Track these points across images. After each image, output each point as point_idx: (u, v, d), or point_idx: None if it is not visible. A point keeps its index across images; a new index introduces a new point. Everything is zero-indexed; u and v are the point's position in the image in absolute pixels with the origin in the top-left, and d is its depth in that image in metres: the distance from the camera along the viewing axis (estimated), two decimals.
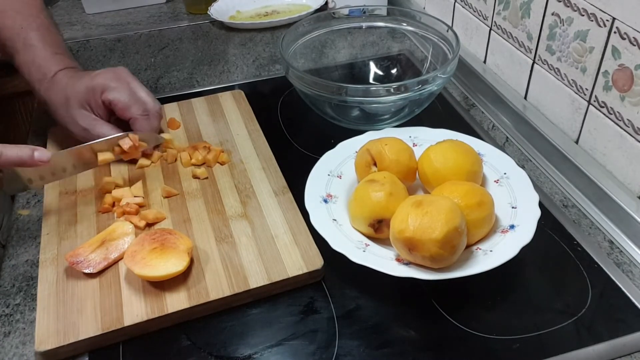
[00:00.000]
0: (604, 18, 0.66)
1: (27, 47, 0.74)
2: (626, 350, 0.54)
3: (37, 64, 0.74)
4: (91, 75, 0.73)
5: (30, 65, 0.74)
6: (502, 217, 0.63)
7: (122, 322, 0.55)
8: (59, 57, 0.75)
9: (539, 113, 0.81)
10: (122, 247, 0.62)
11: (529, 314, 0.57)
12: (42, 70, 0.74)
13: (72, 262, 0.60)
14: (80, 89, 0.72)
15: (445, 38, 0.84)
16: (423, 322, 0.57)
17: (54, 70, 0.74)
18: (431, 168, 0.65)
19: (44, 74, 0.74)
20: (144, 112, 0.73)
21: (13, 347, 0.56)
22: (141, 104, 0.73)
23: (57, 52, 0.76)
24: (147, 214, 0.66)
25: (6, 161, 0.61)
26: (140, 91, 0.74)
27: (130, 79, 0.75)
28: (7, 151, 0.61)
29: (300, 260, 0.61)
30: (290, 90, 0.91)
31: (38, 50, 0.74)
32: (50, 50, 0.75)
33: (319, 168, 0.70)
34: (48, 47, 0.75)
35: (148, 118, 0.73)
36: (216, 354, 0.55)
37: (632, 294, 0.59)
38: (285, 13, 1.18)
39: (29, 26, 0.75)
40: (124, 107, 0.72)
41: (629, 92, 0.65)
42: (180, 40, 1.11)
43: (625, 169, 0.68)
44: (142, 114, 0.73)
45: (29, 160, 0.62)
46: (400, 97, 0.74)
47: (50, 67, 0.74)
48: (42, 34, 0.76)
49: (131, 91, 0.73)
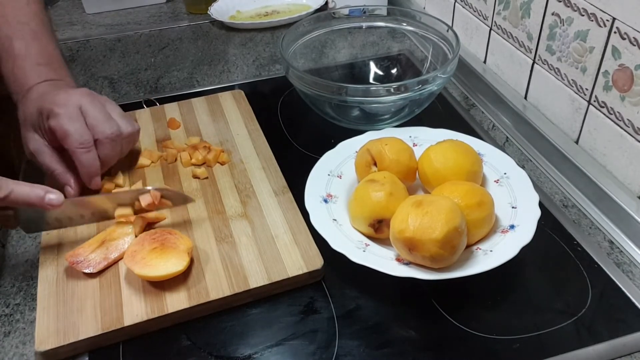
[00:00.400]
0: (604, 18, 0.66)
1: (9, 56, 0.70)
2: (626, 350, 0.54)
3: (15, 76, 0.70)
4: (53, 94, 0.66)
5: (10, 76, 0.70)
6: (502, 217, 0.63)
7: (122, 322, 0.55)
8: (41, 68, 0.70)
9: (539, 113, 0.81)
10: (122, 247, 0.62)
11: (529, 314, 0.57)
12: (20, 81, 0.70)
13: (72, 262, 0.60)
14: (34, 109, 0.66)
15: (445, 38, 0.84)
16: (423, 322, 0.57)
17: (31, 83, 0.69)
18: (431, 168, 0.65)
19: (20, 85, 0.69)
20: (82, 144, 0.64)
21: (13, 347, 0.56)
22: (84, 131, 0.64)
23: (41, 64, 0.71)
24: (147, 214, 0.66)
25: (15, 200, 0.57)
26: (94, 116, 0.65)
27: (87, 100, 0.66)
28: (17, 189, 0.57)
29: (300, 260, 0.61)
30: (290, 90, 0.91)
31: (19, 60, 0.70)
32: (32, 61, 0.70)
33: (319, 168, 0.70)
34: (31, 58, 0.71)
35: (88, 151, 0.64)
36: (216, 354, 0.55)
37: (632, 294, 0.59)
38: (285, 13, 1.18)
39: (15, 34, 0.71)
40: (62, 136, 0.64)
41: (629, 92, 0.65)
42: (180, 40, 1.11)
43: (625, 169, 0.68)
44: (79, 146, 0.64)
45: (38, 202, 0.58)
46: (401, 97, 0.74)
47: (27, 80, 0.69)
48: (27, 43, 0.71)
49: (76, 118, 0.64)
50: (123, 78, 0.99)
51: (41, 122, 0.65)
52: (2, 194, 0.56)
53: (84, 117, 0.65)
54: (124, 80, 0.99)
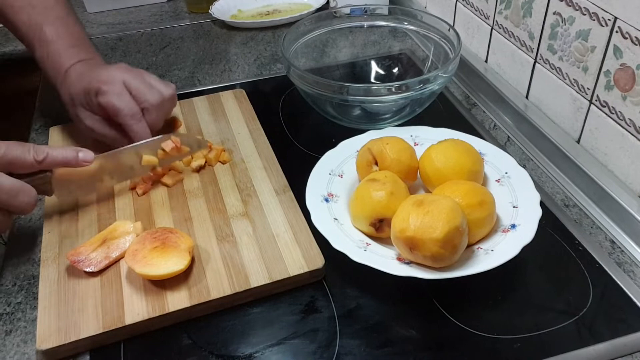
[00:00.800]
0: (606, 17, 0.66)
1: (41, 42, 0.74)
2: (627, 350, 0.54)
3: (51, 59, 0.73)
4: (95, 73, 0.71)
5: (45, 60, 0.74)
6: (503, 217, 0.63)
7: (123, 320, 0.56)
8: (73, 50, 0.74)
9: (541, 112, 0.81)
10: (124, 246, 0.62)
11: (530, 313, 0.57)
12: (56, 65, 0.73)
13: (73, 261, 0.60)
14: (80, 89, 0.71)
15: (446, 37, 0.84)
16: (424, 322, 0.57)
17: (67, 64, 0.73)
18: (432, 167, 0.65)
19: (57, 69, 0.73)
20: (133, 117, 0.69)
21: (14, 346, 0.57)
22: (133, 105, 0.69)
23: (73, 45, 0.75)
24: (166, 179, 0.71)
25: (52, 162, 0.61)
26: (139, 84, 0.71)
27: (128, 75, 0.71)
28: (52, 152, 0.61)
29: (301, 259, 0.61)
30: (291, 89, 0.91)
31: (52, 45, 0.73)
32: (64, 43, 0.74)
33: (320, 167, 0.70)
34: (62, 41, 0.74)
35: (139, 121, 0.69)
36: (217, 353, 0.55)
37: (634, 294, 0.59)
38: (286, 12, 1.18)
39: (44, 20, 0.74)
40: (114, 113, 0.69)
41: (630, 92, 0.65)
42: (181, 39, 1.11)
43: (627, 168, 0.68)
44: (131, 119, 0.69)
45: (73, 161, 0.63)
46: (402, 96, 0.74)
47: (63, 62, 0.73)
48: (57, 28, 0.75)
49: (123, 92, 0.69)
50: None
51: (90, 100, 0.70)
52: (40, 157, 0.60)
53: (129, 90, 0.70)
54: None
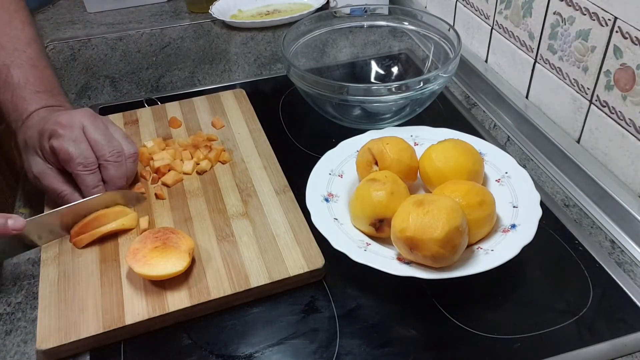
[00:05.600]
0: (606, 17, 0.66)
1: (7, 85, 0.69)
2: (627, 350, 0.54)
3: (15, 103, 0.68)
4: (55, 115, 0.65)
5: (8, 104, 0.69)
6: (503, 217, 0.63)
7: (124, 320, 0.56)
8: (40, 95, 0.69)
9: (541, 112, 0.81)
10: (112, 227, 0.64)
11: (530, 313, 0.57)
12: (19, 109, 0.68)
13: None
14: (35, 132, 0.65)
15: (446, 37, 0.84)
16: (424, 321, 0.57)
17: (31, 109, 0.68)
18: (432, 167, 0.65)
19: (20, 113, 0.68)
20: (85, 167, 0.63)
21: (15, 346, 0.57)
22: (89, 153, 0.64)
23: (39, 91, 0.70)
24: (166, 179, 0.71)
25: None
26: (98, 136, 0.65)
27: (89, 122, 0.65)
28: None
29: (301, 259, 0.61)
30: (291, 89, 0.91)
31: (17, 89, 0.69)
32: (31, 88, 0.69)
33: (320, 167, 0.70)
34: (29, 85, 0.69)
35: (91, 172, 0.64)
36: (217, 353, 0.55)
37: (634, 294, 0.59)
38: (286, 12, 1.18)
39: (12, 63, 0.70)
40: (64, 160, 0.63)
41: (630, 92, 0.65)
42: (181, 39, 1.12)
43: (627, 168, 0.68)
44: (83, 168, 0.63)
45: (1, 228, 0.57)
46: (402, 96, 0.74)
47: (27, 107, 0.68)
48: (25, 71, 0.70)
49: (79, 139, 0.63)
50: (124, 77, 1.00)
51: (43, 144, 0.64)
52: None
53: (87, 139, 0.64)
54: (125, 79, 0.99)
